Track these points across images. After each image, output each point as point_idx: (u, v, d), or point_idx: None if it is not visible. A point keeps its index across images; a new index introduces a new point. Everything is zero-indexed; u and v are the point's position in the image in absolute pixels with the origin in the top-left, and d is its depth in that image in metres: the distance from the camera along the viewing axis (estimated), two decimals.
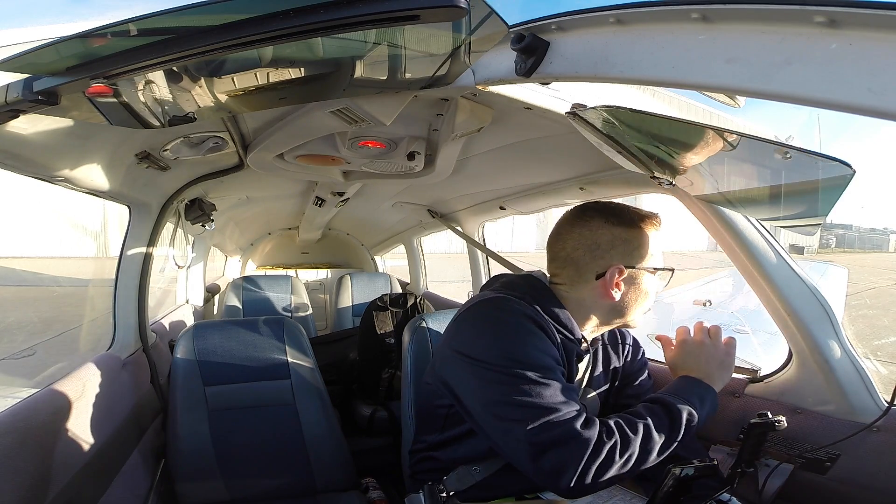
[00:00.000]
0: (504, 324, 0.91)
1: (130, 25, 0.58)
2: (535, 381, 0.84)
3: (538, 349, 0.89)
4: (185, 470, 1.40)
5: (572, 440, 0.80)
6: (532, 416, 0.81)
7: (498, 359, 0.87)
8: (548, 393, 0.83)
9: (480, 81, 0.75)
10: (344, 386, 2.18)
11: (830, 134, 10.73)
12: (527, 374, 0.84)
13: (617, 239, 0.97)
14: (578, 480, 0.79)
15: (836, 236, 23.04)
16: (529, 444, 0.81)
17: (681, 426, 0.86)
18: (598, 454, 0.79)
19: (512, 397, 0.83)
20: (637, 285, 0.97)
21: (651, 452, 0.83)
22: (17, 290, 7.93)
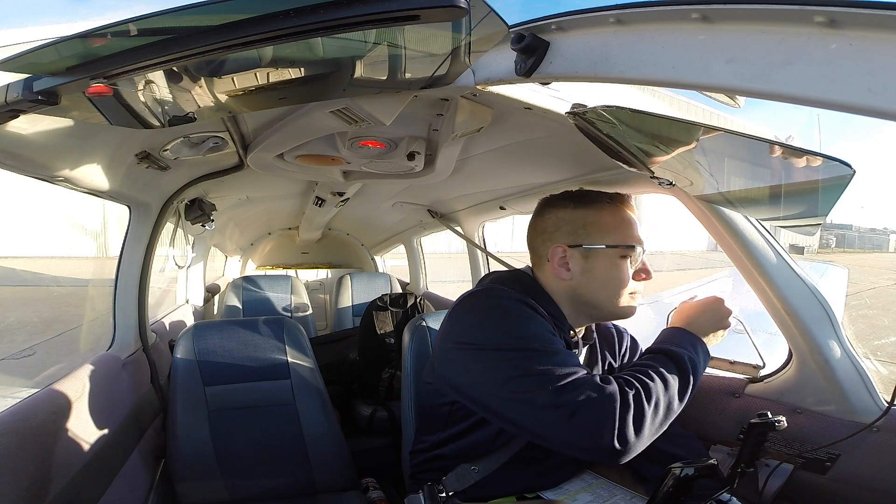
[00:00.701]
0: (499, 307, 0.92)
1: (130, 25, 0.58)
2: (544, 351, 0.84)
3: (537, 324, 0.89)
4: (185, 470, 1.40)
5: (598, 395, 0.79)
6: (552, 381, 0.80)
7: (502, 339, 0.87)
8: (559, 359, 0.83)
9: (480, 81, 0.75)
10: (344, 386, 2.18)
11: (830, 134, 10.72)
12: (534, 346, 0.85)
13: (560, 220, 0.99)
14: (620, 436, 0.77)
15: (836, 236, 23.03)
16: (556, 406, 0.79)
17: (686, 368, 0.86)
18: (627, 405, 0.78)
19: (525, 370, 0.82)
20: (591, 265, 0.96)
21: (673, 398, 0.83)
22: (17, 290, 7.93)
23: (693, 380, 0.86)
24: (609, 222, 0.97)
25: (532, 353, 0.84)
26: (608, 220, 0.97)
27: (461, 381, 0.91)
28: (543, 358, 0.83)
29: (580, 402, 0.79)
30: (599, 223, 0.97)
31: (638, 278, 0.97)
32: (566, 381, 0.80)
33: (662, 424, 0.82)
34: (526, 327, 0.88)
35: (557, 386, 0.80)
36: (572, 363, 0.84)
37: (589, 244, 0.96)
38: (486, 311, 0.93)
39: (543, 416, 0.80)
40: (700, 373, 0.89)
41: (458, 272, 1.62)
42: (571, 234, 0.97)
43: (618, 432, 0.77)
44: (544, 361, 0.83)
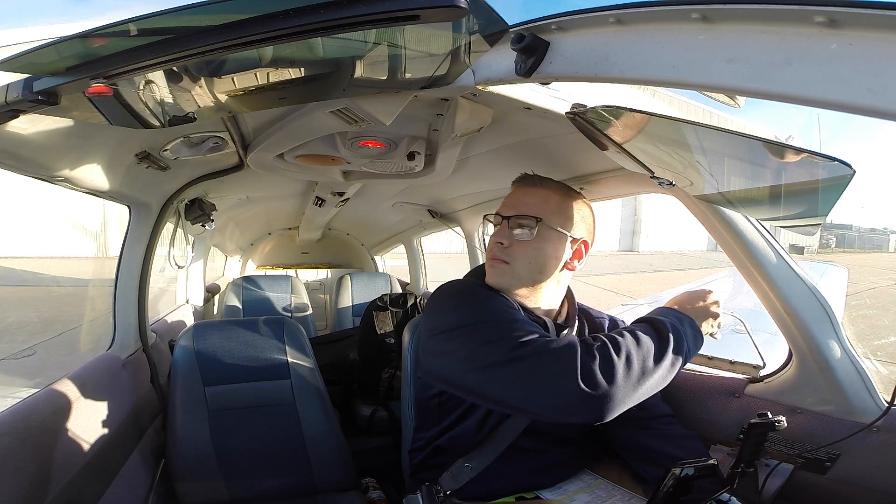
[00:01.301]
0: (458, 293, 0.98)
1: (130, 25, 0.58)
2: (499, 320, 0.88)
3: (492, 300, 0.94)
4: (185, 470, 1.40)
5: (556, 346, 0.81)
6: (507, 343, 0.83)
7: (460, 319, 0.91)
8: (515, 325, 0.87)
9: (480, 81, 0.75)
10: (344, 386, 2.18)
11: (830, 134, 10.75)
12: (489, 318, 0.89)
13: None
14: (586, 380, 0.76)
15: (836, 236, 23.04)
16: (513, 362, 0.81)
17: (665, 332, 0.86)
18: (591, 354, 0.79)
19: (483, 340, 0.86)
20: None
21: (648, 356, 0.82)
22: (17, 290, 7.93)
23: (674, 344, 0.85)
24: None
25: (487, 324, 0.88)
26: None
27: (436, 366, 0.93)
28: (498, 326, 0.87)
29: (537, 355, 0.80)
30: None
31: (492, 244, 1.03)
32: (521, 340, 0.82)
33: (640, 381, 0.80)
34: (481, 305, 0.93)
35: (513, 345, 0.82)
36: (528, 327, 0.86)
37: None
38: (447, 299, 0.99)
39: (504, 378, 0.82)
40: (685, 342, 0.87)
41: (458, 272, 1.63)
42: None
43: (582, 376, 0.76)
44: (499, 329, 0.86)
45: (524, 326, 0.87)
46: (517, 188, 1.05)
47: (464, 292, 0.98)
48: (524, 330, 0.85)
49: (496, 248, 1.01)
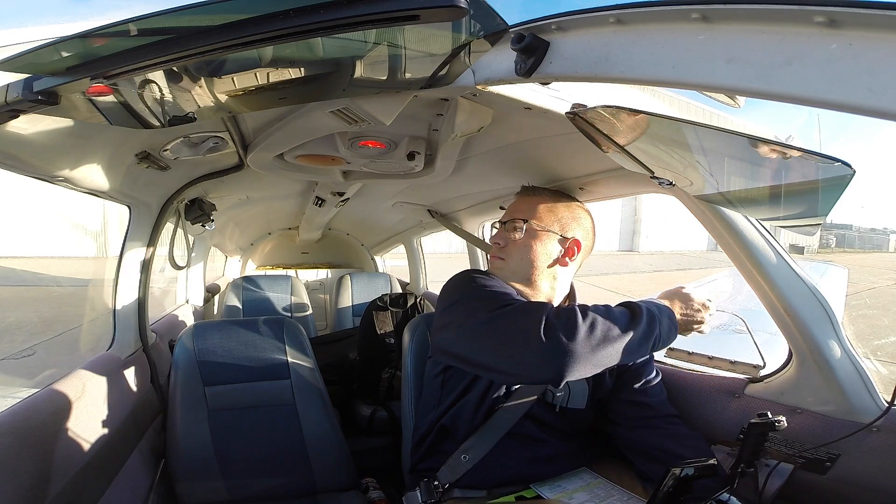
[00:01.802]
0: (464, 277, 1.08)
1: (130, 25, 0.58)
2: (491, 294, 0.98)
3: (492, 281, 1.04)
4: (185, 470, 1.40)
5: (530, 307, 0.92)
6: (489, 308, 0.92)
7: (460, 295, 1.02)
8: (504, 297, 0.96)
9: (480, 81, 0.75)
10: (344, 386, 2.18)
11: (830, 134, 10.74)
12: (483, 293, 0.99)
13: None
14: (548, 335, 0.83)
15: (836, 236, 23.04)
16: (491, 323, 0.90)
17: (638, 310, 0.91)
18: (558, 314, 0.87)
19: (475, 309, 0.95)
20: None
21: (613, 326, 0.86)
22: (17, 290, 7.93)
23: (645, 325, 0.90)
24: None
25: (479, 297, 0.98)
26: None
27: (438, 339, 1.02)
28: (487, 296, 0.97)
29: (512, 313, 0.90)
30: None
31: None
32: (502, 303, 0.93)
33: (600, 346, 0.84)
34: (478, 284, 1.02)
35: (493, 307, 0.92)
36: (515, 297, 0.99)
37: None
38: (453, 283, 1.09)
39: (483, 337, 0.91)
40: (658, 327, 0.92)
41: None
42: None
43: (545, 330, 0.83)
44: (487, 298, 0.96)
45: (511, 297, 0.97)
46: (515, 199, 1.19)
47: (467, 276, 1.08)
48: (509, 296, 0.97)
49: (494, 248, 1.14)
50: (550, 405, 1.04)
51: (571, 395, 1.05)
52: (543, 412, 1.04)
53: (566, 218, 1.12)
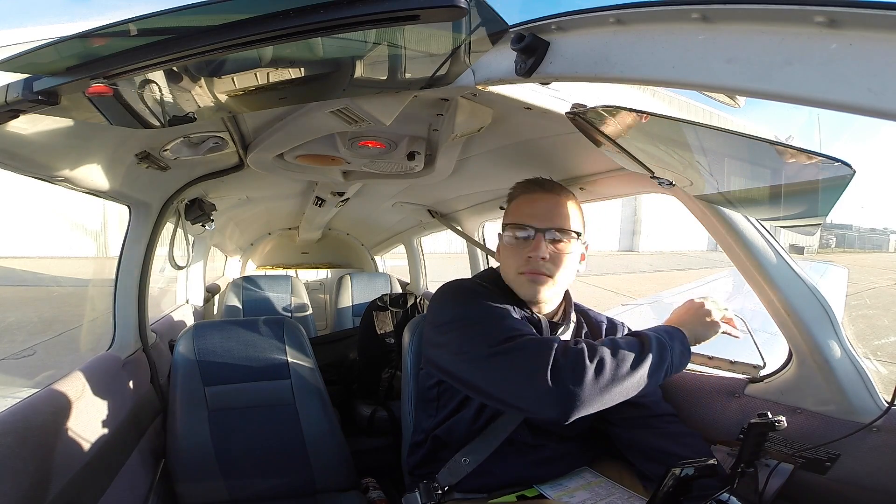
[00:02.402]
0: (456, 291, 1.03)
1: (130, 25, 0.58)
2: (489, 316, 0.93)
3: (486, 297, 0.98)
4: (185, 470, 1.40)
5: (536, 344, 0.85)
6: (494, 338, 0.87)
7: (455, 314, 0.97)
8: (504, 323, 0.91)
9: (480, 81, 0.75)
10: (344, 386, 2.18)
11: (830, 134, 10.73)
12: (480, 315, 0.93)
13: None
14: (555, 379, 0.80)
15: (836, 236, 23.04)
16: (496, 356, 0.85)
17: (648, 343, 0.88)
18: (566, 354, 0.83)
19: (473, 333, 0.91)
20: (499, 246, 1.08)
21: (622, 364, 0.83)
22: (17, 290, 7.93)
23: (655, 358, 0.87)
24: (514, 205, 1.05)
25: (478, 320, 0.93)
26: (515, 204, 1.05)
27: (433, 355, 0.98)
28: (487, 322, 0.92)
29: (516, 351, 0.85)
30: (510, 207, 1.06)
31: (523, 256, 1.00)
32: (504, 337, 0.87)
33: (609, 387, 0.82)
34: (475, 302, 0.97)
35: (496, 341, 0.87)
36: (517, 326, 0.91)
37: (501, 228, 1.07)
38: (448, 295, 1.03)
39: (486, 370, 0.87)
40: (669, 357, 0.89)
41: (458, 272, 1.63)
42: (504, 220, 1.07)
43: (552, 374, 0.80)
44: (487, 325, 0.91)
45: (511, 324, 0.92)
46: (540, 196, 1.03)
47: (463, 289, 1.03)
48: (510, 328, 0.90)
49: (538, 264, 0.98)
50: None
51: None
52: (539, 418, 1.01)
53: (582, 217, 1.07)
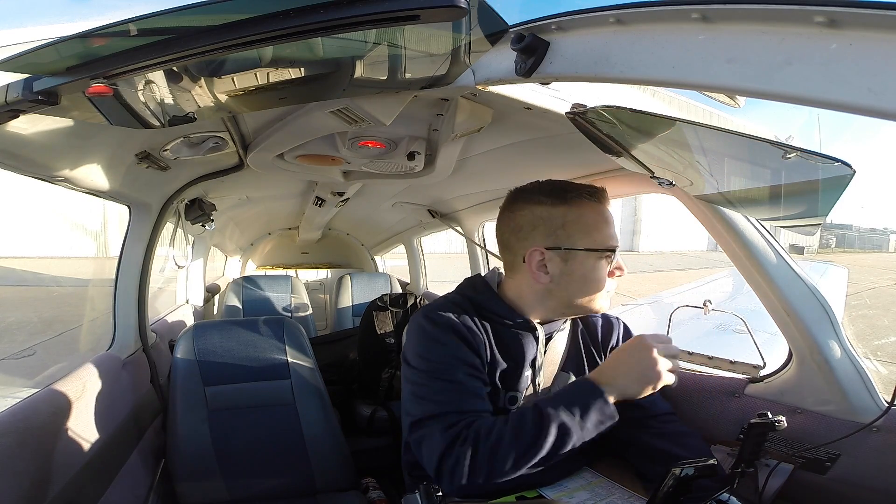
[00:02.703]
0: (423, 330, 0.96)
1: (130, 25, 0.58)
2: (439, 378, 0.91)
3: (450, 349, 0.92)
4: (185, 470, 1.40)
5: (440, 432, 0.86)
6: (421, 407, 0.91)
7: (414, 359, 0.95)
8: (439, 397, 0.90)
9: (480, 81, 0.75)
10: (344, 386, 2.18)
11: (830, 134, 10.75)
12: (424, 380, 0.92)
13: (537, 219, 0.93)
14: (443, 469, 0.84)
15: (836, 236, 23.05)
16: (414, 425, 0.91)
17: (546, 428, 0.83)
18: (452, 448, 0.84)
19: (418, 393, 0.92)
20: (569, 267, 0.92)
21: (510, 455, 0.83)
22: (17, 290, 7.93)
23: (556, 437, 0.82)
24: (590, 222, 0.93)
25: (423, 382, 0.92)
26: (589, 220, 0.93)
27: (403, 385, 0.98)
28: (428, 388, 0.91)
29: (427, 436, 0.88)
30: (580, 223, 0.93)
31: (612, 276, 0.96)
32: (429, 413, 0.88)
33: (493, 473, 0.83)
34: (435, 352, 0.93)
35: (423, 414, 0.89)
36: (446, 394, 0.89)
37: (569, 246, 0.92)
38: (414, 333, 0.98)
39: (411, 432, 0.91)
40: (575, 434, 0.83)
41: (458, 272, 1.63)
42: (550, 235, 0.93)
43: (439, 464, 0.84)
44: (427, 392, 0.91)
45: (444, 398, 0.90)
46: (606, 209, 0.96)
47: (426, 331, 0.96)
48: (438, 402, 0.89)
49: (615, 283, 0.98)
50: None
51: None
52: None
53: None
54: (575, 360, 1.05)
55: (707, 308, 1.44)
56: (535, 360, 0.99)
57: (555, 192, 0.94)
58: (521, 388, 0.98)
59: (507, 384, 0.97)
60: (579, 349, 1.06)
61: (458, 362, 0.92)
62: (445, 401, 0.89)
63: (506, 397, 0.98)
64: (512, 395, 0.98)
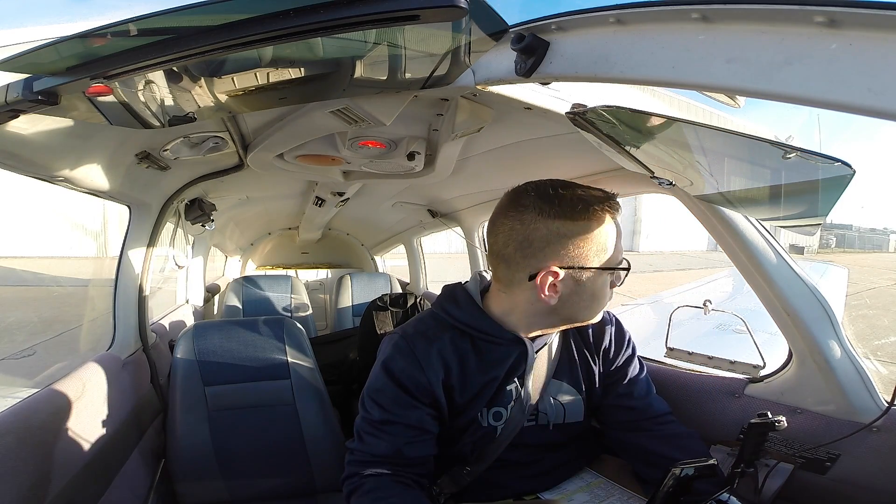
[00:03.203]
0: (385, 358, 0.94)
1: (130, 25, 0.58)
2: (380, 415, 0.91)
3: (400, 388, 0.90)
4: (185, 470, 1.40)
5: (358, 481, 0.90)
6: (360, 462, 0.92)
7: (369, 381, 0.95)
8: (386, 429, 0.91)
9: (480, 81, 0.75)
10: (344, 386, 2.18)
11: (830, 134, 10.74)
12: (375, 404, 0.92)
13: (552, 234, 0.83)
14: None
15: (836, 236, 23.06)
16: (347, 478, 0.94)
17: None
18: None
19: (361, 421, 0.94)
20: (581, 286, 0.85)
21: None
22: (18, 290, 7.93)
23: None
24: (605, 239, 0.86)
25: (371, 410, 0.92)
26: (604, 236, 0.85)
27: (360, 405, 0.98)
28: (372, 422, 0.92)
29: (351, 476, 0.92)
30: (597, 240, 0.84)
31: (613, 286, 0.92)
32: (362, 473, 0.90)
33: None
34: (386, 385, 0.91)
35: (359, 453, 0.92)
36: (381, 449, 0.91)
37: (582, 265, 0.84)
38: (374, 370, 0.96)
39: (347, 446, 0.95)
40: None
41: (458, 272, 1.64)
42: (565, 255, 0.84)
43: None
44: (372, 424, 0.91)
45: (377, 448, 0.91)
46: (618, 220, 0.89)
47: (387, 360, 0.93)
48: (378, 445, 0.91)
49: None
50: (543, 426, 0.98)
51: (567, 412, 0.99)
52: (533, 436, 0.97)
53: None
54: (567, 366, 1.01)
55: (707, 308, 1.44)
56: (522, 373, 0.94)
57: (568, 205, 0.84)
58: (505, 403, 0.94)
59: (491, 400, 0.93)
60: (571, 354, 1.01)
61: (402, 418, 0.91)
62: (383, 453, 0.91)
63: (489, 414, 0.94)
64: (496, 411, 0.94)
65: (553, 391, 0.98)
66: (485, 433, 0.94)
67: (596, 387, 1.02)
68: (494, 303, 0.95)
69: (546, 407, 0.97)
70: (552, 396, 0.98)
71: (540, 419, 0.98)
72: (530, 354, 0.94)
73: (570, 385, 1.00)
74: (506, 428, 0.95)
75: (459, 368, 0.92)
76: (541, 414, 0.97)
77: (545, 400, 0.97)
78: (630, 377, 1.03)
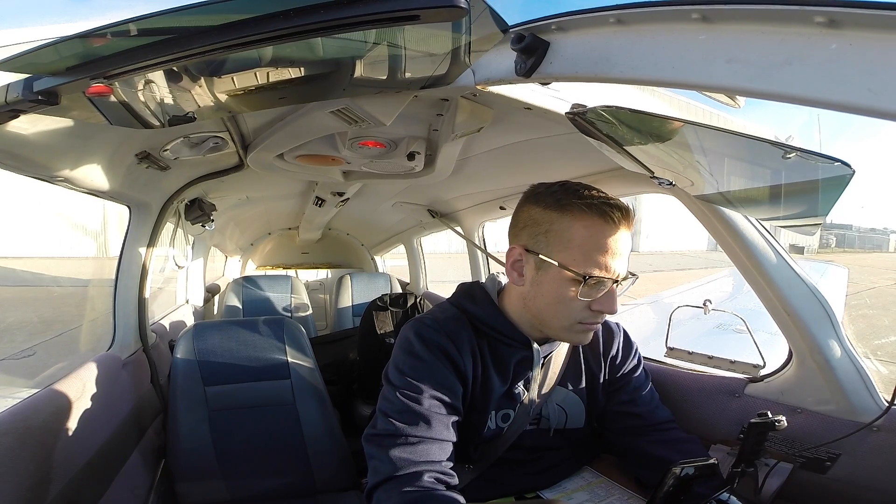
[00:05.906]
0: (407, 344, 0.91)
1: (130, 25, 0.58)
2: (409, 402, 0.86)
3: (429, 372, 0.87)
4: (185, 470, 1.40)
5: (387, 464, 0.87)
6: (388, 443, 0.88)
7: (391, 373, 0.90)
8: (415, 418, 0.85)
9: (480, 81, 0.75)
10: (344, 386, 2.18)
11: (830, 134, 10.75)
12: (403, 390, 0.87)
13: (530, 219, 0.87)
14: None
15: (836, 236, 23.08)
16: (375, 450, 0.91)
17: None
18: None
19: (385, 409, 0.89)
20: (541, 277, 0.85)
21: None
22: (17, 290, 7.93)
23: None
24: (575, 237, 0.82)
25: (399, 396, 0.86)
26: (576, 235, 0.82)
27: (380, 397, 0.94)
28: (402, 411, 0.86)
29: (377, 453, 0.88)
30: (564, 234, 0.83)
31: (593, 308, 0.84)
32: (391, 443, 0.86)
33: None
34: (414, 370, 0.87)
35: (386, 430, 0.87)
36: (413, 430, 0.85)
37: (544, 255, 0.84)
38: (399, 347, 0.93)
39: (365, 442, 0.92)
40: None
41: (458, 272, 1.64)
42: (532, 238, 0.86)
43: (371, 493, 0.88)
44: (401, 413, 0.86)
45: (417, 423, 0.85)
46: (620, 231, 0.83)
47: (410, 347, 0.90)
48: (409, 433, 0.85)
49: (602, 316, 0.87)
50: (544, 430, 0.99)
51: (569, 418, 1.00)
52: (533, 439, 0.98)
53: None
54: (573, 373, 1.01)
55: (707, 308, 1.44)
56: (529, 377, 0.95)
57: (555, 195, 0.86)
58: (513, 405, 0.95)
59: (501, 403, 0.94)
60: (578, 363, 1.02)
61: (433, 386, 0.87)
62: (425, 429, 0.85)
63: (498, 416, 0.95)
64: (505, 413, 0.95)
65: (558, 397, 0.99)
66: (492, 434, 0.95)
67: (599, 394, 1.03)
68: (507, 302, 0.96)
69: (549, 412, 0.98)
70: (556, 402, 0.99)
71: (542, 423, 0.99)
72: (537, 359, 0.94)
73: (574, 392, 1.01)
74: (509, 430, 0.96)
75: (482, 363, 0.93)
76: (543, 419, 0.99)
77: (549, 405, 0.98)
78: (635, 385, 1.04)
